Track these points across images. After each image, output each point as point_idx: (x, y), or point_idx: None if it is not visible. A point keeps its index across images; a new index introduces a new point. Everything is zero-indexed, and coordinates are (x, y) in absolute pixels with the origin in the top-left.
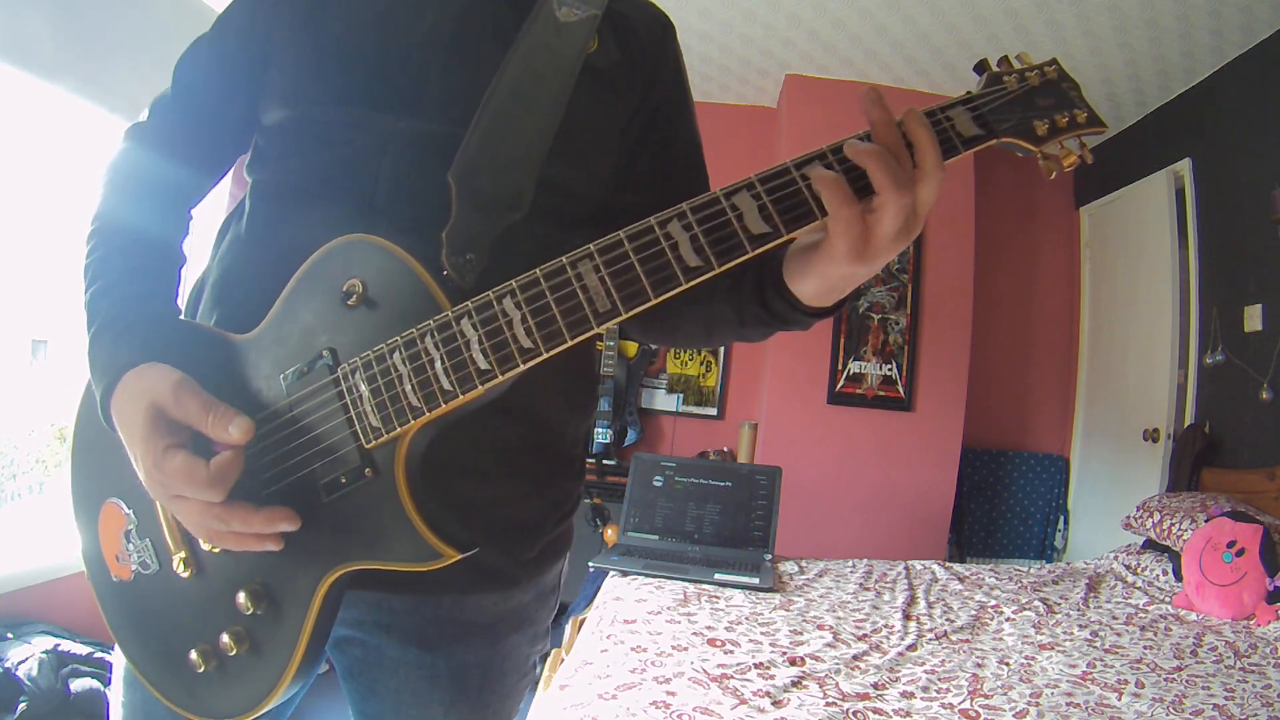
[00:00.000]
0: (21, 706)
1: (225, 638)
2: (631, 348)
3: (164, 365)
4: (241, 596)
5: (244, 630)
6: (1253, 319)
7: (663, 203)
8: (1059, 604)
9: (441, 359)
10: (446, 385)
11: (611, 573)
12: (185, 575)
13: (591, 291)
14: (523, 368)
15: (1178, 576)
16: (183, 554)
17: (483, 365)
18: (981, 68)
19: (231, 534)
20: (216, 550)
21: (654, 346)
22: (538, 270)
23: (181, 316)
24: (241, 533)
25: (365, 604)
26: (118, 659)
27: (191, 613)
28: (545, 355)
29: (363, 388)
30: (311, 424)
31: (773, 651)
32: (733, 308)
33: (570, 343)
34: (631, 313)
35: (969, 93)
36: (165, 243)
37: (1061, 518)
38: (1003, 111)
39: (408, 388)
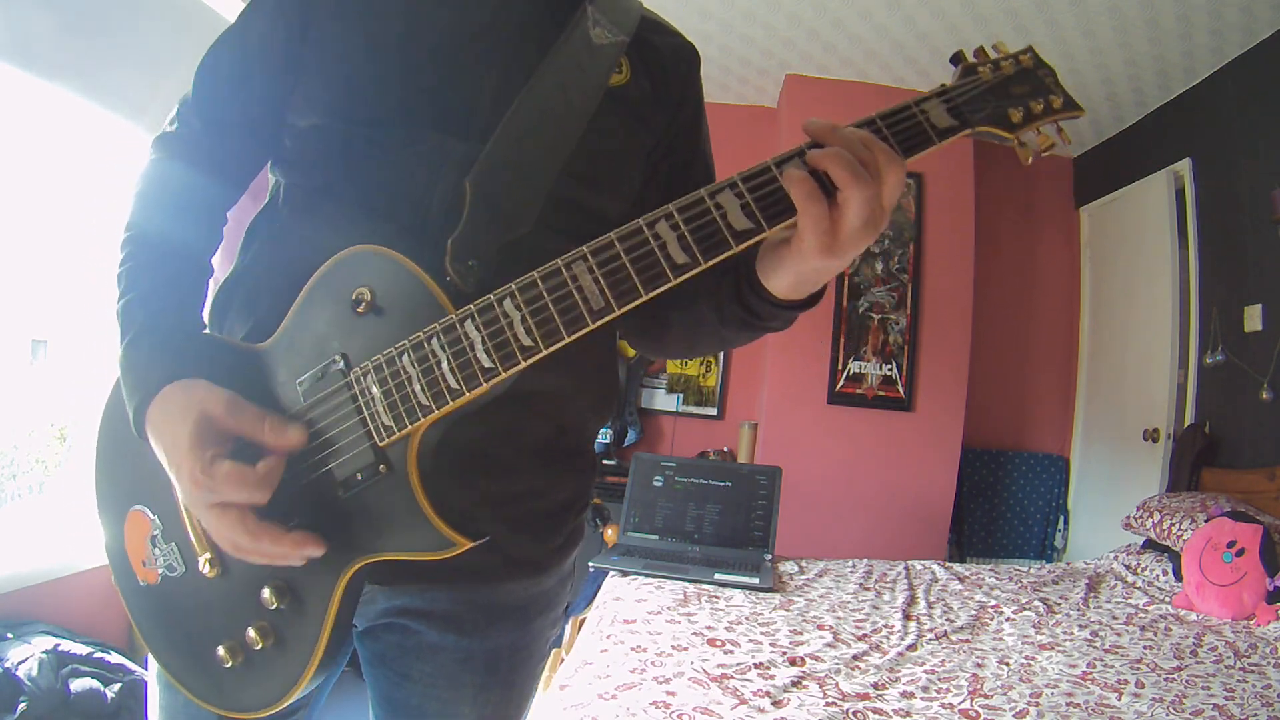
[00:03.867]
0: (21, 706)
1: (251, 632)
2: (631, 348)
3: (208, 382)
4: (266, 592)
5: (269, 624)
6: (1253, 319)
7: None
8: (1059, 604)
9: (448, 359)
10: (453, 384)
11: (611, 573)
12: (211, 575)
13: (586, 291)
14: (524, 364)
15: (1178, 576)
16: (208, 554)
17: (486, 364)
18: (957, 59)
19: (258, 550)
20: None
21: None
22: (535, 273)
23: (207, 320)
24: (269, 551)
25: (408, 594)
26: (153, 662)
27: (218, 610)
28: (545, 352)
29: (374, 390)
30: (328, 426)
31: (773, 651)
32: (713, 309)
33: (568, 339)
34: (625, 309)
35: (944, 85)
36: (197, 256)
37: (1061, 518)
38: (977, 102)
39: (417, 388)
